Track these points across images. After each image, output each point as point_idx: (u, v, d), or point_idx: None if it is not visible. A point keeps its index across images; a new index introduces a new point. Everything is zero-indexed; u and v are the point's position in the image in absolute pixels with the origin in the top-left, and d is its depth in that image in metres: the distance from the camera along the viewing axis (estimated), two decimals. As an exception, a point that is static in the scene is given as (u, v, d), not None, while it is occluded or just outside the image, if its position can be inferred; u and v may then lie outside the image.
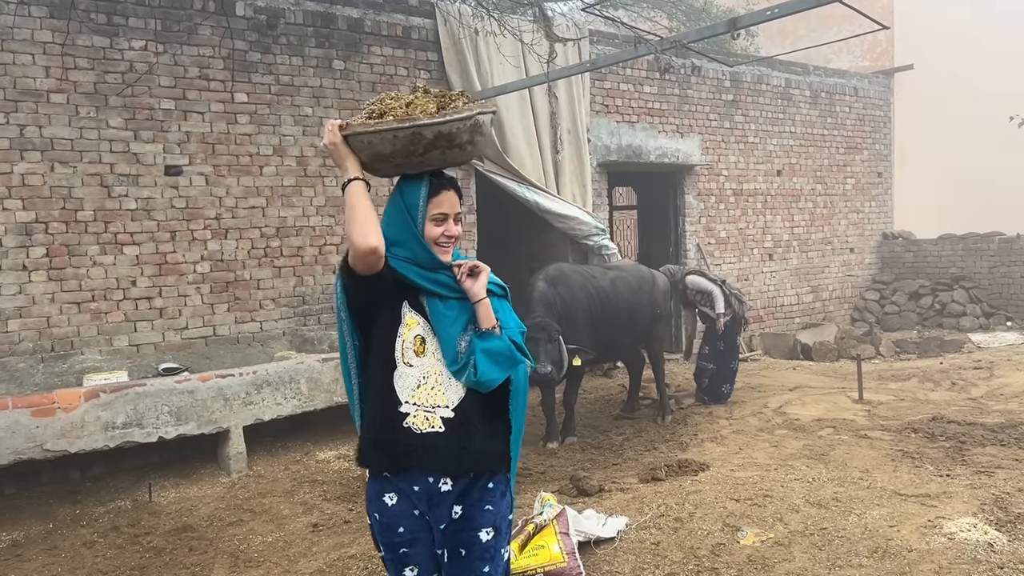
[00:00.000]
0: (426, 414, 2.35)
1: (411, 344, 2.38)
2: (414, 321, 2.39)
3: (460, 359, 2.36)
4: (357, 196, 2.25)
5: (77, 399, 5.57)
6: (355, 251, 2.21)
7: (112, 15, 6.28)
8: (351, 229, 2.21)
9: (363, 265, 2.24)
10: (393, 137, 2.23)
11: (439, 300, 2.38)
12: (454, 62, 8.10)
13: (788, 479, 5.31)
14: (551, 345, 6.16)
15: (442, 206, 2.38)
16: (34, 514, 5.58)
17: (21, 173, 5.95)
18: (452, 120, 2.25)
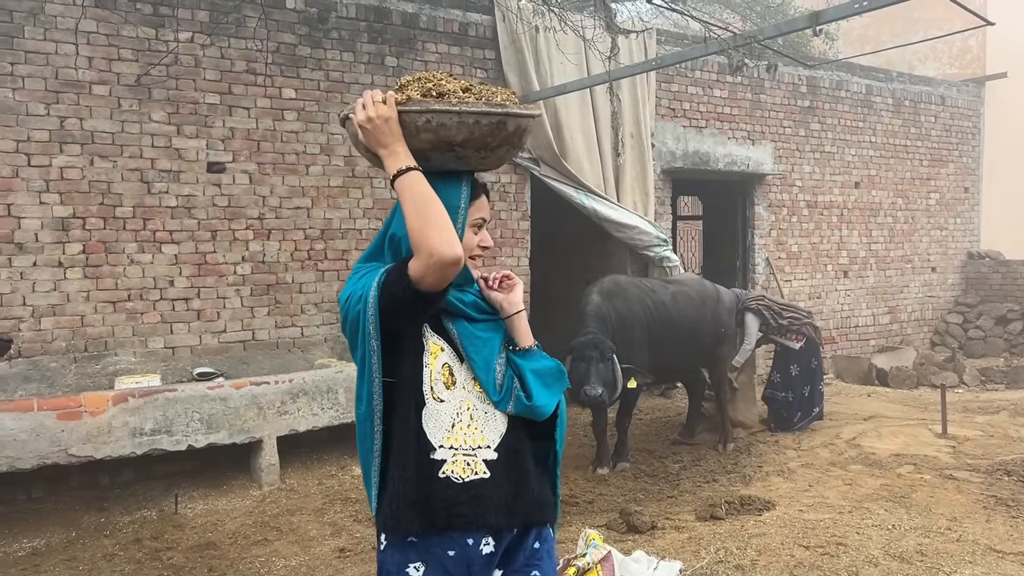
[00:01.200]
0: (466, 459, 1.93)
1: (439, 375, 1.95)
2: (438, 347, 1.97)
3: (501, 387, 1.98)
4: (425, 189, 1.83)
5: (105, 403, 5.34)
6: (438, 261, 1.77)
7: (159, 5, 6.08)
8: (428, 231, 1.78)
9: (438, 279, 1.81)
10: (474, 123, 1.85)
11: (467, 321, 2.00)
12: (512, 60, 7.72)
13: (864, 525, 4.75)
14: (603, 365, 5.71)
15: (482, 210, 2.03)
16: (58, 520, 5.37)
17: (60, 166, 5.77)
18: (533, 115, 1.97)
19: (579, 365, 5.75)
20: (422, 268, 1.79)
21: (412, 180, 1.84)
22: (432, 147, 1.88)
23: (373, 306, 1.86)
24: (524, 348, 2.03)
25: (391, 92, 1.88)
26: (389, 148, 1.86)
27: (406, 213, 1.83)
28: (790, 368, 7.33)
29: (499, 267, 7.85)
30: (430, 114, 1.84)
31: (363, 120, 1.86)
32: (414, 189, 1.83)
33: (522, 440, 2.00)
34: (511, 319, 2.04)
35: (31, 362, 5.70)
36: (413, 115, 1.84)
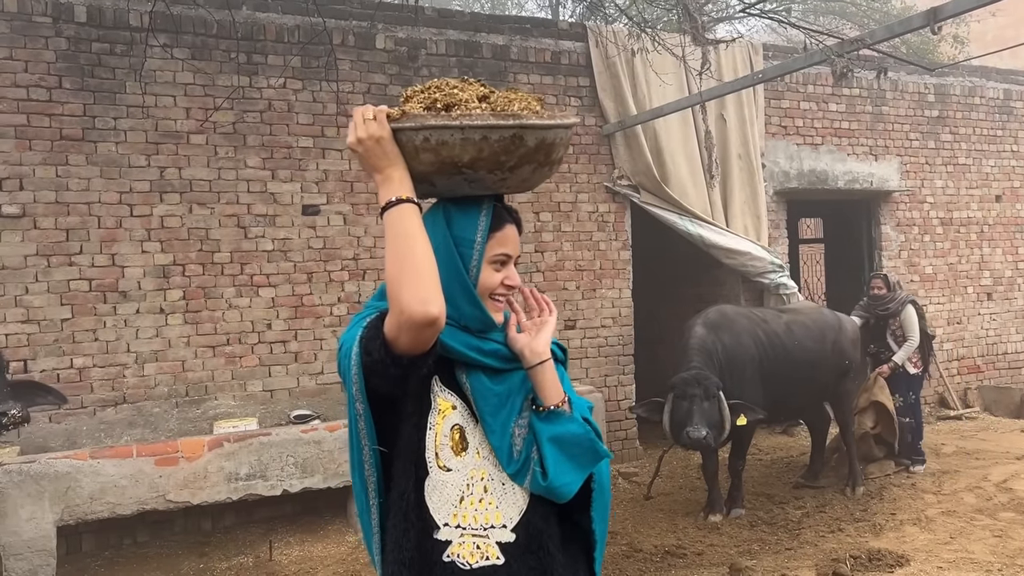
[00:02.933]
0: (476, 540, 1.62)
1: (447, 438, 1.65)
2: (448, 405, 1.66)
3: (519, 456, 1.64)
4: (411, 228, 1.53)
5: (201, 448, 5.36)
6: (407, 320, 1.48)
7: (252, 53, 6.20)
8: (402, 283, 1.49)
9: (412, 341, 1.51)
10: (482, 139, 1.55)
11: (484, 374, 1.67)
12: (607, 86, 7.45)
13: (1020, 587, 4.11)
14: (708, 403, 5.27)
15: (506, 244, 1.70)
16: (160, 566, 5.40)
17: (160, 215, 5.92)
18: (561, 125, 1.63)
19: (681, 404, 5.33)
20: (394, 327, 1.51)
21: (400, 216, 1.54)
22: (436, 170, 1.60)
23: (356, 364, 1.56)
24: (549, 408, 1.67)
25: (384, 107, 1.59)
26: (383, 173, 1.57)
27: (386, 256, 1.55)
28: (909, 394, 6.73)
29: (600, 299, 7.54)
30: (427, 131, 1.55)
31: (352, 142, 1.58)
32: (398, 227, 1.54)
33: (548, 519, 1.66)
34: (534, 370, 1.68)
35: (135, 407, 5.82)
36: (409, 133, 1.56)
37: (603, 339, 7.59)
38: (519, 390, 1.69)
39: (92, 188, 5.73)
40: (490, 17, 7.28)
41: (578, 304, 7.47)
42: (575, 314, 7.45)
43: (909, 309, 6.75)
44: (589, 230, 7.53)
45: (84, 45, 5.73)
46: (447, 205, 1.69)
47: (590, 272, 7.53)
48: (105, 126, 5.77)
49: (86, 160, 5.72)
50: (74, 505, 4.98)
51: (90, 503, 5.04)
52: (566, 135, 1.65)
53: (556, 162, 1.70)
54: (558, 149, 1.66)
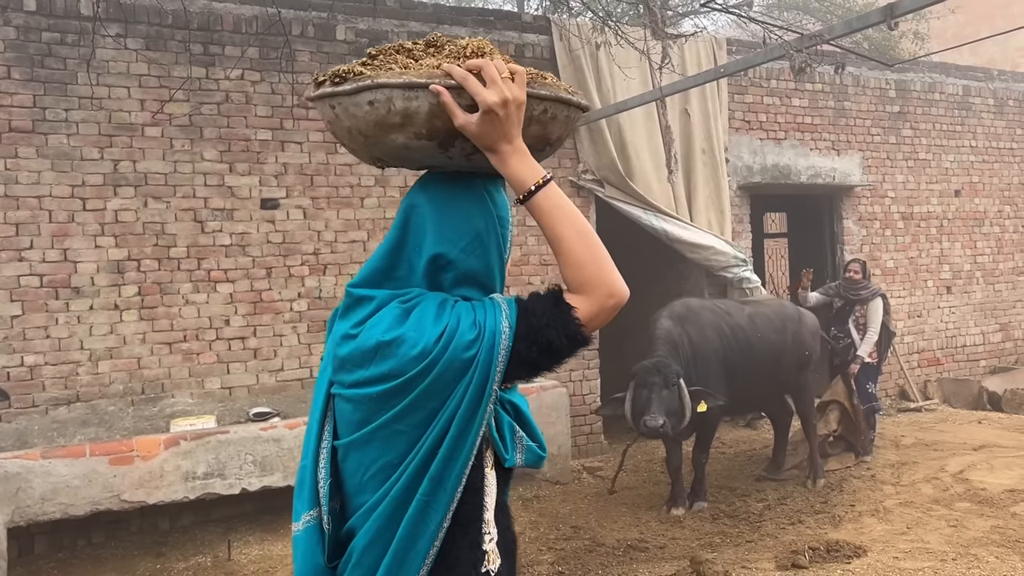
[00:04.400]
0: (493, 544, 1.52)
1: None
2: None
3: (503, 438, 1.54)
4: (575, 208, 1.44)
5: (156, 447, 5.26)
6: (617, 304, 1.40)
7: (208, 44, 6.08)
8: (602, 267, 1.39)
9: (604, 324, 1.46)
10: (566, 117, 1.49)
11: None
12: (572, 80, 7.42)
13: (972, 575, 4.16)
14: (667, 391, 5.27)
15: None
16: (116, 567, 5.29)
17: (114, 209, 5.79)
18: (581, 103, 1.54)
19: (641, 392, 5.33)
20: (595, 310, 1.40)
21: (558, 192, 1.42)
22: (530, 145, 1.45)
23: (504, 357, 1.37)
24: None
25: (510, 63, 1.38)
26: (514, 143, 1.39)
27: (566, 238, 1.40)
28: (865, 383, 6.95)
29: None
30: (550, 103, 1.41)
31: (496, 102, 1.33)
32: (567, 206, 1.41)
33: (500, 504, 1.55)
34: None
35: (89, 406, 5.69)
36: (532, 101, 1.40)
37: (568, 334, 7.55)
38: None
39: (43, 181, 5.59)
40: (453, 9, 7.22)
41: (543, 299, 7.43)
42: (540, 309, 7.41)
43: (877, 301, 6.85)
44: (552, 224, 7.48)
45: (34, 35, 5.58)
46: (484, 181, 1.54)
47: (555, 266, 7.49)
48: (56, 118, 5.63)
49: (36, 153, 5.57)
50: (25, 506, 4.86)
51: (42, 504, 4.92)
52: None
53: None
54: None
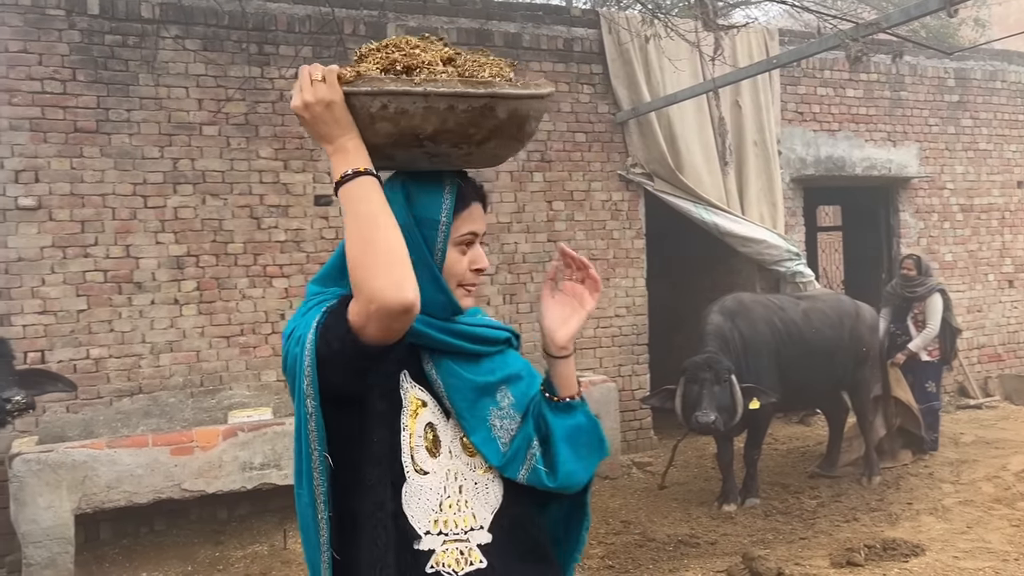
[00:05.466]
0: (459, 545, 1.48)
1: (422, 439, 1.49)
2: (419, 402, 1.50)
3: (506, 448, 1.52)
4: (374, 205, 1.36)
5: (216, 438, 5.39)
6: (379, 308, 1.31)
7: (263, 44, 6.20)
8: (367, 268, 1.32)
9: (383, 331, 1.34)
10: (447, 108, 1.38)
11: (455, 362, 1.51)
12: (620, 73, 7.40)
13: (1038, 576, 4.06)
14: (719, 387, 5.23)
15: (473, 222, 1.54)
16: (177, 554, 5.45)
17: (174, 206, 5.95)
18: (536, 95, 1.46)
19: (692, 388, 5.31)
20: (362, 316, 1.34)
21: (359, 190, 1.36)
22: (393, 142, 1.42)
23: (311, 356, 1.36)
24: (566, 399, 1.55)
25: (335, 67, 1.39)
26: (335, 143, 1.38)
27: (347, 236, 1.37)
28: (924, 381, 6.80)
29: (614, 289, 7.50)
30: (386, 97, 1.36)
31: (297, 105, 1.38)
32: (358, 204, 1.36)
33: (527, 508, 1.56)
34: (555, 361, 1.56)
35: (151, 397, 5.86)
36: (364, 99, 1.37)
37: (617, 328, 7.56)
38: (497, 378, 1.55)
39: (106, 180, 5.77)
40: (502, 4, 7.23)
41: (592, 293, 7.42)
42: (589, 303, 7.40)
43: (936, 297, 6.68)
44: (603, 219, 7.49)
45: (97, 37, 5.76)
46: (406, 181, 1.52)
47: (603, 261, 7.49)
48: (119, 118, 5.80)
49: (100, 152, 5.75)
50: (91, 494, 5.02)
51: (107, 492, 5.08)
52: (540, 106, 1.49)
53: (528, 136, 1.53)
54: (531, 122, 1.50)
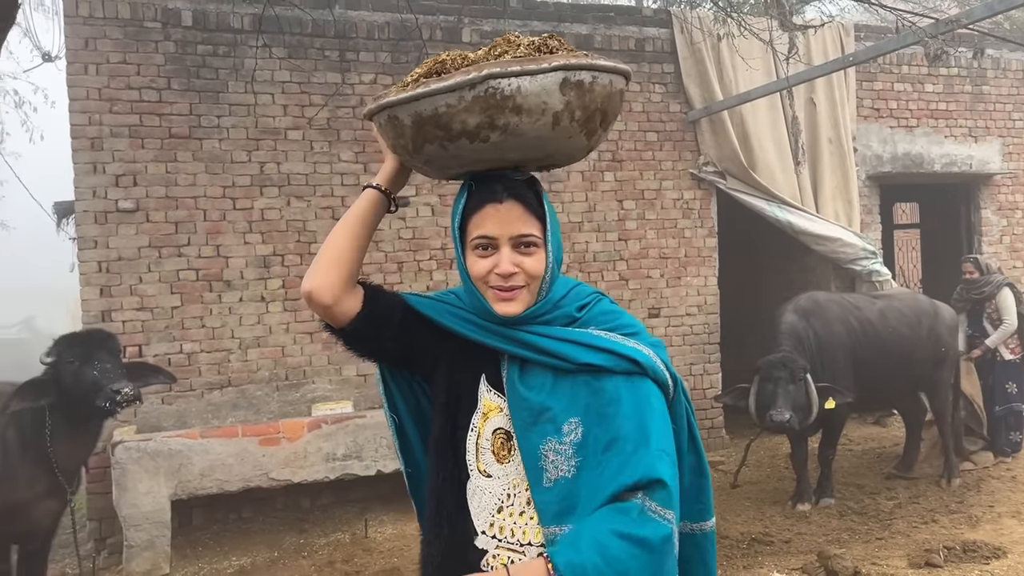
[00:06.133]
0: (512, 555, 1.45)
1: (488, 442, 1.49)
2: (493, 407, 1.49)
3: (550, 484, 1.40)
4: (348, 212, 1.58)
5: (301, 429, 5.63)
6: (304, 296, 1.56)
7: (345, 51, 6.42)
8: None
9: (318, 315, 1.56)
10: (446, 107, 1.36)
11: (525, 372, 1.47)
12: (692, 72, 7.41)
13: None
14: (793, 386, 5.22)
15: (484, 225, 1.45)
16: (264, 540, 5.71)
17: (261, 208, 6.21)
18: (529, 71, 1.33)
19: (766, 387, 5.31)
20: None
21: (357, 201, 1.59)
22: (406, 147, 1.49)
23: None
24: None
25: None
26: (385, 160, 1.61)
27: None
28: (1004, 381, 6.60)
29: (686, 287, 7.51)
30: (380, 113, 1.46)
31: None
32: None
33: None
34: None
35: (239, 390, 6.14)
36: (375, 119, 1.50)
37: (688, 327, 7.57)
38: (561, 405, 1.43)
39: (198, 183, 6.06)
40: (574, 6, 7.32)
41: (662, 292, 7.47)
42: (659, 302, 7.46)
43: (1005, 292, 6.53)
44: (674, 217, 7.51)
45: (190, 48, 6.05)
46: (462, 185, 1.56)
47: (675, 260, 7.51)
48: (209, 124, 6.09)
49: (192, 157, 6.05)
50: (186, 481, 5.31)
51: (200, 479, 5.36)
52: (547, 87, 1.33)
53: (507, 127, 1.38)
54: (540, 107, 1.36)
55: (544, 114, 1.36)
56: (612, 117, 1.48)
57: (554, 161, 1.53)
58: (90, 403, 3.96)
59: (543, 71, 1.33)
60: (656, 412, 1.41)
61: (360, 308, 1.53)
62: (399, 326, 1.56)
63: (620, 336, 1.46)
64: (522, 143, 1.41)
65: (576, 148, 1.49)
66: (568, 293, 1.55)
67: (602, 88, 1.40)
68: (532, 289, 1.47)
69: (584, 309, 1.53)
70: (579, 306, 1.53)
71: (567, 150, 1.48)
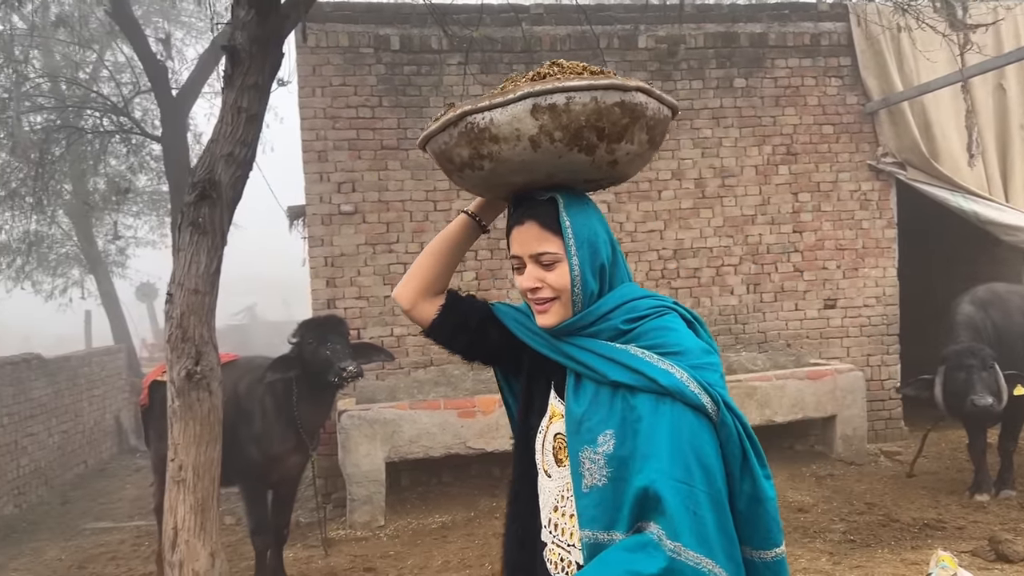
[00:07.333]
0: (561, 552, 1.56)
1: (551, 445, 1.59)
2: (557, 412, 1.60)
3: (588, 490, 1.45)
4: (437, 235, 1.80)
5: (494, 404, 6.31)
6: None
7: (530, 64, 6.99)
8: None
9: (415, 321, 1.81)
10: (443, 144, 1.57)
11: (577, 383, 1.54)
12: (870, 64, 7.42)
13: None
14: (986, 373, 5.27)
15: (512, 246, 1.58)
16: (462, 503, 6.45)
17: (457, 209, 6.97)
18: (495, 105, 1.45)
19: (957, 375, 5.37)
20: None
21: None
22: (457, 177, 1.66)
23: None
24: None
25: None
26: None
27: None
28: None
29: (863, 279, 7.56)
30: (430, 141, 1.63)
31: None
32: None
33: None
34: None
35: (440, 369, 6.95)
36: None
37: (865, 318, 7.61)
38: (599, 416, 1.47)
39: (405, 188, 6.91)
40: (748, 7, 7.57)
41: (839, 284, 7.57)
42: (835, 293, 7.56)
43: None
44: (851, 209, 7.57)
45: (398, 69, 6.90)
46: None
47: (852, 251, 7.57)
48: (415, 136, 6.89)
49: (400, 165, 6.90)
50: (398, 446, 6.14)
51: (409, 445, 6.18)
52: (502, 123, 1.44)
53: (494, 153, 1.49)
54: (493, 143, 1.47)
55: (520, 140, 1.45)
56: (619, 129, 1.48)
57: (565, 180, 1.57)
58: (324, 377, 4.69)
59: (510, 102, 1.43)
60: (675, 436, 1.39)
61: (435, 315, 1.75)
62: (476, 332, 1.73)
63: (656, 355, 1.45)
64: (514, 167, 1.51)
65: (579, 164, 1.52)
66: (620, 306, 1.54)
67: (583, 107, 1.43)
68: (564, 301, 1.54)
69: (635, 323, 1.52)
70: (630, 319, 1.53)
71: (569, 167, 1.52)
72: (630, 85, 1.45)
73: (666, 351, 1.46)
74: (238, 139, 3.69)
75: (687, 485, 1.35)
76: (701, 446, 1.39)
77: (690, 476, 1.35)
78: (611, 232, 1.60)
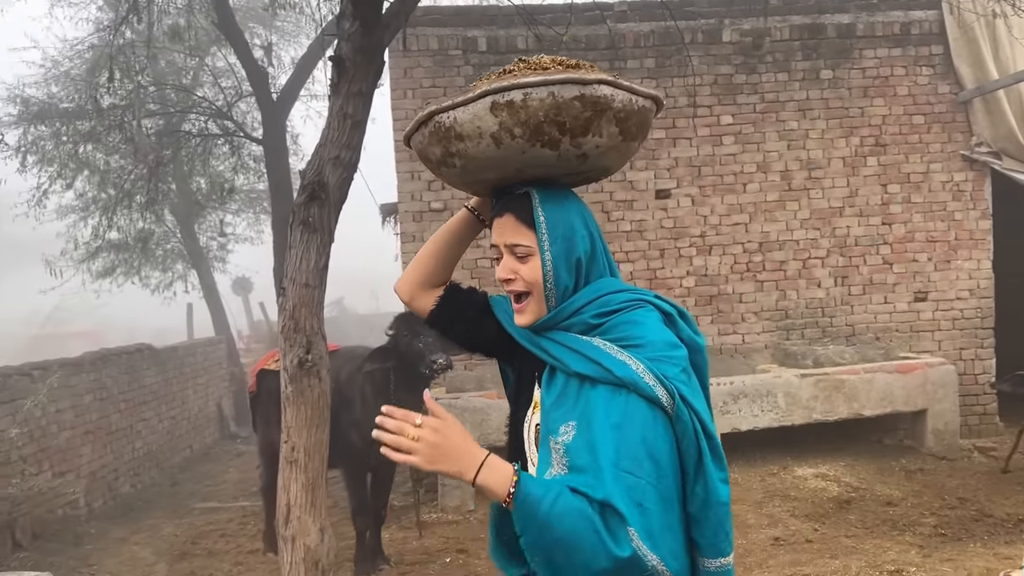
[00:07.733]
0: None
1: (533, 435, 1.59)
2: (538, 403, 1.59)
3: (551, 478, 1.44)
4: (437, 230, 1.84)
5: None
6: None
7: (614, 60, 7.16)
8: None
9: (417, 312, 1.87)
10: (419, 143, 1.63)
11: (551, 375, 1.54)
12: (963, 52, 7.26)
13: None
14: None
15: (493, 234, 1.61)
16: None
17: (542, 204, 7.15)
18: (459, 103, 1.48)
19: None
20: None
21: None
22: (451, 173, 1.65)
23: None
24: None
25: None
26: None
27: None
28: None
29: (956, 271, 7.41)
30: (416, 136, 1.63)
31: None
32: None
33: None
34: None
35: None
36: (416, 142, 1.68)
37: (958, 312, 7.46)
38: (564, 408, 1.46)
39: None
40: (835, -3, 7.48)
41: (930, 276, 7.44)
42: (926, 286, 7.43)
43: None
44: (942, 200, 7.43)
45: (485, 70, 7.03)
46: None
47: (943, 243, 7.43)
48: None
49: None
50: (486, 433, 6.35)
51: (496, 432, 6.36)
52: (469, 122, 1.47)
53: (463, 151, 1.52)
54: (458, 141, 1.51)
55: (483, 137, 1.47)
56: (581, 123, 1.46)
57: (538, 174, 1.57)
58: (416, 368, 4.93)
59: (470, 100, 1.45)
60: (626, 427, 1.37)
61: (432, 306, 1.81)
62: (472, 322, 1.77)
63: (617, 348, 1.44)
64: (482, 164, 1.53)
65: (545, 159, 1.51)
66: (593, 301, 1.53)
67: (540, 102, 1.42)
68: (537, 296, 1.54)
69: (606, 317, 1.50)
70: (600, 313, 1.51)
71: (535, 163, 1.52)
72: (590, 78, 1.43)
73: (627, 344, 1.44)
74: (344, 143, 3.95)
75: (633, 476, 1.33)
76: (653, 439, 1.36)
77: (638, 467, 1.33)
78: (594, 226, 1.61)
